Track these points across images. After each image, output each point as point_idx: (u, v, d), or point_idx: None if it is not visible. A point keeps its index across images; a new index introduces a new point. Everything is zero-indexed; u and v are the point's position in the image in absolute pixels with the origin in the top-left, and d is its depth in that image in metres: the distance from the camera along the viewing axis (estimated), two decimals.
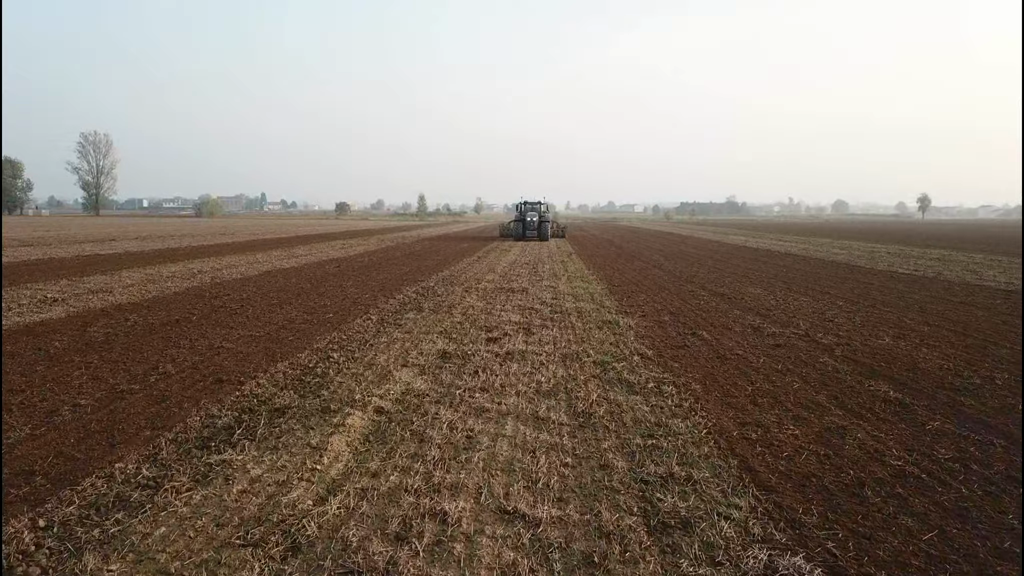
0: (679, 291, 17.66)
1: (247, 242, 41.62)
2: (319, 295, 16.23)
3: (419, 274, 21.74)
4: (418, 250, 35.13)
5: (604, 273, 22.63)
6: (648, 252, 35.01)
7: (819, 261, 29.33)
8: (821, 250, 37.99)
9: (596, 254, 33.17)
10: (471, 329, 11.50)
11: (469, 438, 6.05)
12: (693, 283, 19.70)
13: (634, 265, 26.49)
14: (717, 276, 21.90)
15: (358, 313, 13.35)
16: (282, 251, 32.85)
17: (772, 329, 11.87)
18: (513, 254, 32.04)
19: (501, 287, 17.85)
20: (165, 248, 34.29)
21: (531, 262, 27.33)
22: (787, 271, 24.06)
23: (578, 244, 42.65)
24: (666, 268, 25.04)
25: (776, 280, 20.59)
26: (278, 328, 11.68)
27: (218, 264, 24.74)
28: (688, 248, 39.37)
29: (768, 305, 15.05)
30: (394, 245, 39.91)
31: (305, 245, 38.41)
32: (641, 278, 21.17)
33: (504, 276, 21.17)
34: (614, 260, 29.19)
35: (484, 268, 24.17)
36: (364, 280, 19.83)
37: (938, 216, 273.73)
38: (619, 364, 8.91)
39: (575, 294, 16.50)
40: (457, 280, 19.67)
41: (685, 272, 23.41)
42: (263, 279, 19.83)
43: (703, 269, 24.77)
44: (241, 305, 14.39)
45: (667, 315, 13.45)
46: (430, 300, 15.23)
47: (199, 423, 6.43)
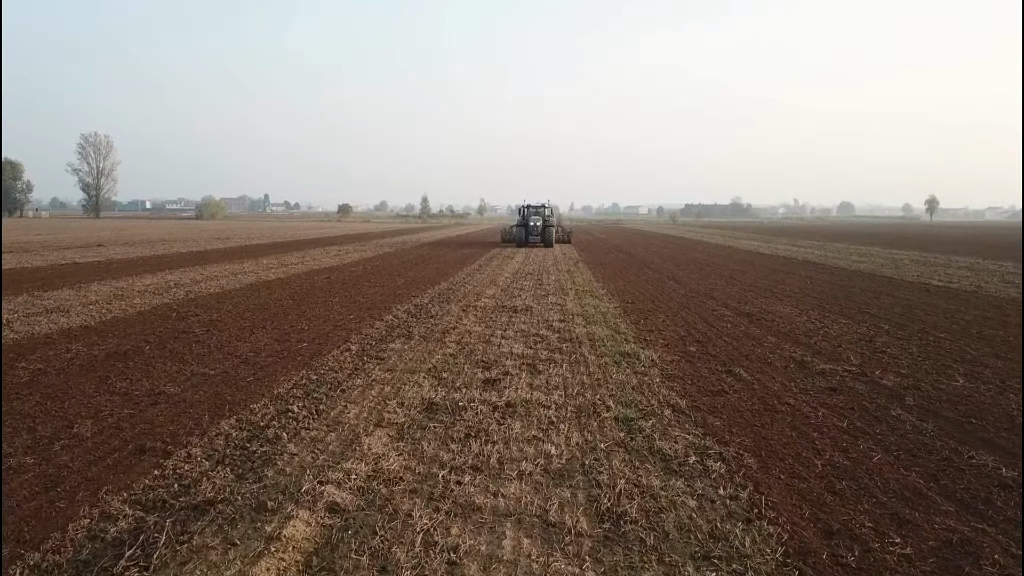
0: (700, 310, 15.87)
1: (239, 248, 39.95)
2: (299, 315, 14.49)
3: (413, 288, 20.00)
4: (415, 257, 33.40)
5: (615, 286, 20.85)
6: (659, 260, 33.21)
7: (842, 271, 27.50)
8: (840, 257, 36.16)
9: (604, 262, 31.39)
10: (465, 365, 9.74)
11: (451, 565, 4.28)
12: (713, 299, 17.92)
13: (646, 276, 24.70)
14: (738, 290, 20.11)
15: (337, 341, 11.60)
16: (273, 258, 31.15)
17: (820, 364, 10.08)
18: (516, 263, 30.28)
19: (502, 305, 16.09)
20: (151, 255, 32.62)
21: (535, 272, 25.57)
22: (813, 284, 22.25)
23: (585, 250, 40.88)
24: (681, 280, 23.25)
25: (804, 296, 18.79)
26: (239, 363, 9.94)
27: (200, 275, 23.03)
28: (700, 255, 37.57)
29: (805, 329, 13.25)
30: (392, 251, 38.20)
31: (299, 251, 36.72)
32: (656, 292, 19.39)
33: (506, 290, 19.42)
34: (624, 269, 27.40)
35: (485, 280, 22.41)
36: (353, 295, 18.09)
37: (945, 218, 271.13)
38: (647, 422, 7.14)
39: (585, 314, 14.73)
40: (454, 295, 17.92)
41: (702, 285, 21.61)
42: (243, 294, 18.10)
43: (721, 281, 22.98)
44: (207, 330, 12.65)
45: (693, 343, 11.67)
46: (422, 323, 13.48)
47: (82, 536, 4.67)
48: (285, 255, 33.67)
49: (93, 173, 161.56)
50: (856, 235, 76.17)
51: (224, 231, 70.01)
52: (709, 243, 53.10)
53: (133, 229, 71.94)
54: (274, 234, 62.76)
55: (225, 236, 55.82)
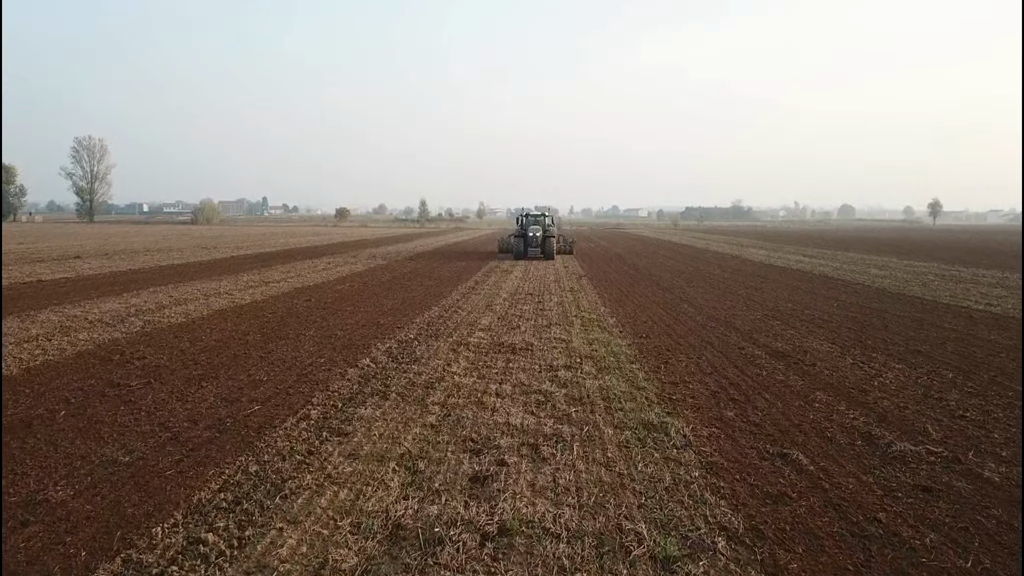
0: (724, 347, 13.82)
1: (223, 260, 37.88)
2: (262, 358, 12.43)
3: (400, 314, 17.95)
4: (408, 272, 31.33)
5: (624, 312, 18.81)
6: (667, 275, 31.15)
7: (866, 289, 25.47)
8: (857, 271, 34.12)
9: (609, 278, 29.33)
10: (449, 447, 7.70)
11: None
12: (736, 330, 15.88)
13: (656, 297, 22.64)
14: (760, 317, 18.07)
15: (297, 402, 9.55)
16: (255, 274, 29.09)
17: (894, 442, 8.03)
18: (514, 279, 28.23)
19: (498, 342, 14.04)
20: (126, 271, 30.55)
21: (536, 292, 23.53)
22: (841, 307, 20.21)
23: (587, 262, 38.84)
24: (696, 302, 21.19)
25: (838, 325, 16.75)
26: (166, 440, 7.90)
27: (169, 298, 20.98)
28: (710, 269, 35.50)
29: (855, 379, 11.21)
30: (384, 264, 36.15)
31: (285, 265, 34.66)
32: (670, 320, 17.35)
33: (503, 318, 17.38)
34: (631, 288, 25.35)
35: (480, 303, 20.37)
36: (331, 326, 16.04)
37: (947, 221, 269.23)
38: (696, 567, 5.08)
39: (595, 356, 12.68)
40: (444, 326, 15.87)
41: (720, 309, 19.57)
42: (208, 326, 16.04)
43: (738, 303, 20.93)
44: (146, 382, 10.60)
45: (728, 404, 9.61)
46: (402, 371, 11.42)
47: None
48: (269, 269, 31.61)
49: (87, 177, 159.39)
50: (864, 241, 74.14)
51: (214, 239, 67.95)
52: (716, 252, 51.06)
53: (121, 236, 69.89)
54: (265, 242, 60.71)
55: (213, 245, 53.76)
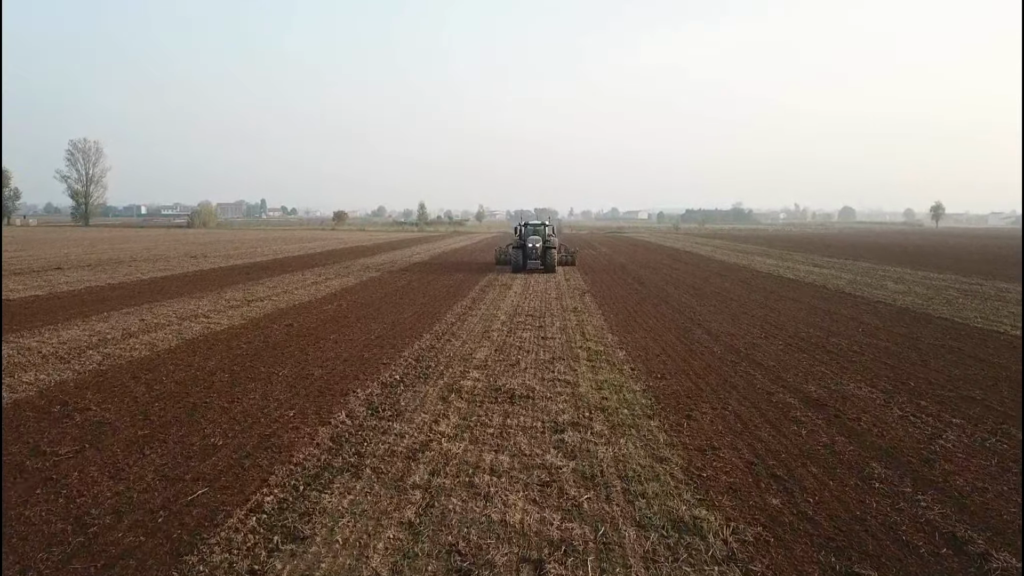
0: (753, 394, 12.19)
1: (210, 272, 36.22)
2: (223, 410, 10.79)
3: (388, 345, 16.31)
4: (401, 287, 29.67)
5: (634, 340, 17.18)
6: (675, 290, 29.49)
7: (889, 309, 23.84)
8: (874, 284, 32.50)
9: (614, 294, 27.68)
10: (429, 567, 6.04)
11: None
12: (762, 368, 14.24)
13: (667, 319, 20.99)
14: (785, 349, 16.46)
15: (251, 482, 7.92)
16: (239, 290, 27.44)
17: (995, 558, 6.39)
18: (513, 296, 26.58)
19: (495, 385, 12.40)
20: (104, 286, 28.90)
21: (537, 313, 21.89)
22: (868, 335, 18.60)
23: (590, 274, 37.18)
24: (710, 326, 19.54)
25: (874, 362, 15.12)
26: (57, 564, 6.23)
27: (139, 322, 19.36)
28: (719, 281, 33.83)
29: (913, 443, 9.58)
30: (377, 277, 34.48)
31: (274, 278, 32.99)
32: (686, 353, 15.72)
33: (501, 349, 15.75)
34: (638, 307, 23.69)
35: (476, 328, 18.73)
36: (308, 362, 14.40)
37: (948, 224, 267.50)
38: None
39: (606, 407, 11.05)
40: (435, 364, 14.22)
41: (738, 337, 17.94)
42: (170, 362, 14.39)
43: (756, 327, 19.30)
44: (77, 449, 8.96)
45: (773, 488, 7.97)
46: (381, 433, 9.77)
47: None
48: (255, 284, 29.96)
49: (82, 180, 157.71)
50: (872, 248, 72.49)
51: (206, 245, 66.27)
52: (722, 262, 49.40)
53: (111, 243, 68.20)
54: (257, 250, 59.03)
55: (203, 253, 52.07)
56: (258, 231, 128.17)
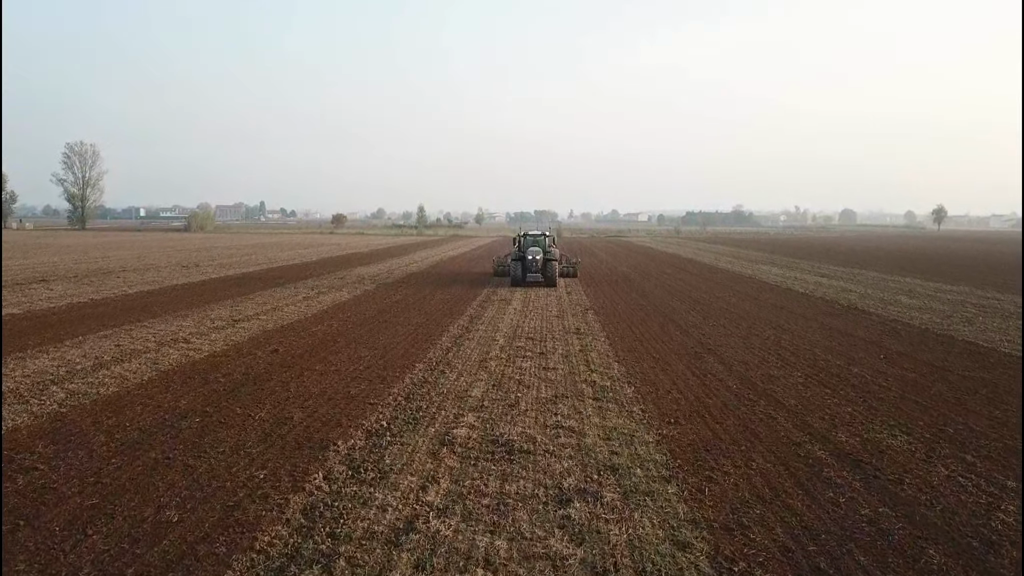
0: (779, 447, 11.01)
1: (199, 286, 35.02)
2: (185, 469, 9.60)
3: (377, 377, 15.15)
4: (396, 302, 28.46)
5: (642, 371, 16.02)
6: (682, 306, 28.28)
7: (909, 330, 22.68)
8: (886, 297, 31.32)
9: (618, 311, 26.48)
10: None
11: None
12: (785, 409, 13.06)
13: (675, 343, 19.81)
14: (805, 383, 15.29)
15: None
16: (227, 307, 26.26)
17: None
18: (512, 314, 25.38)
19: (492, 435, 11.21)
20: (87, 301, 27.71)
21: (537, 335, 20.72)
22: (892, 364, 17.45)
23: (592, 287, 35.95)
24: (722, 353, 18.36)
25: (904, 400, 13.94)
26: None
27: (114, 349, 18.22)
28: (726, 295, 32.61)
29: (970, 519, 8.44)
30: (372, 290, 33.27)
31: (265, 292, 31.78)
32: (700, 389, 14.55)
33: (499, 384, 14.57)
34: (644, 327, 22.49)
35: (472, 356, 17.56)
36: (289, 399, 13.24)
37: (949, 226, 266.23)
38: None
39: (616, 465, 9.87)
40: (427, 404, 13.03)
41: (753, 366, 16.77)
42: (138, 402, 13.21)
43: (771, 354, 18.13)
44: (8, 530, 7.74)
45: None
46: (361, 506, 8.58)
47: None
48: (245, 299, 28.76)
49: (79, 183, 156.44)
50: (877, 255, 71.27)
51: (200, 252, 65.07)
52: (727, 271, 48.21)
53: (103, 250, 66.99)
54: (251, 258, 57.80)
55: (196, 262, 50.86)
56: (255, 235, 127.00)
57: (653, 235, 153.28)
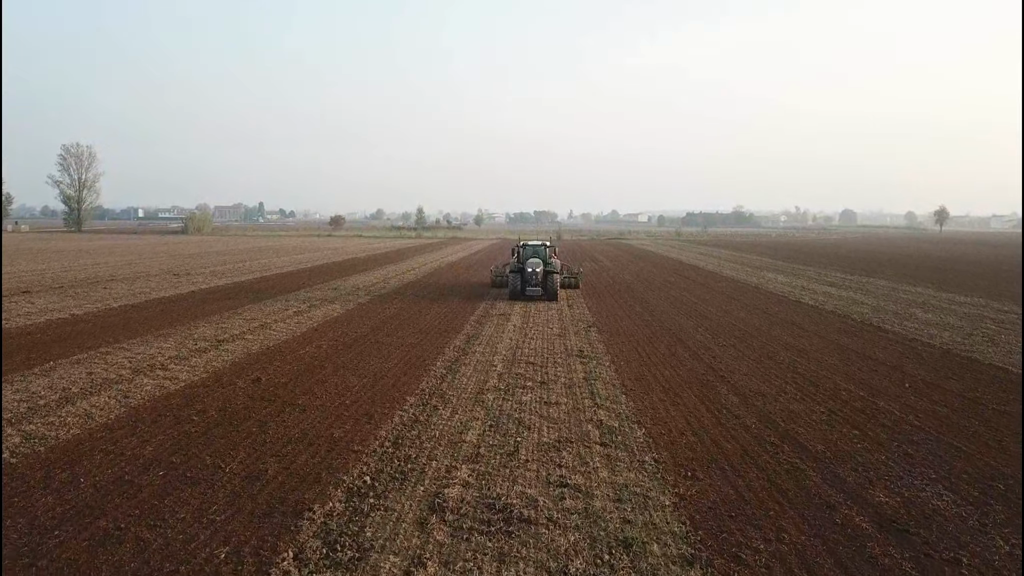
0: (811, 509, 9.87)
1: (187, 298, 33.78)
2: (136, 546, 8.47)
3: (363, 415, 13.94)
4: (390, 317, 27.21)
5: (652, 405, 14.81)
6: (689, 323, 27.03)
7: (930, 351, 21.45)
8: (899, 310, 30.13)
9: (622, 329, 25.26)
10: None
11: None
12: (812, 457, 11.88)
13: (685, 369, 18.60)
14: (829, 420, 14.10)
15: None
16: (213, 324, 25.04)
17: None
18: (511, 333, 24.16)
19: (488, 497, 9.99)
20: (67, 317, 26.47)
21: (539, 360, 19.51)
22: (919, 394, 16.23)
23: (595, 299, 34.70)
24: (736, 382, 17.14)
25: (943, 444, 12.75)
26: None
27: (84, 377, 17.03)
28: (733, 307, 31.35)
29: None
30: (366, 303, 32.02)
31: (255, 305, 30.54)
32: (715, 429, 13.33)
33: (496, 425, 13.36)
34: (651, 350, 21.27)
35: (468, 387, 16.36)
36: (266, 444, 12.05)
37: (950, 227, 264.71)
38: None
39: (628, 541, 8.71)
40: (416, 455, 11.81)
41: (770, 398, 15.56)
42: (98, 450, 12.02)
43: (790, 386, 16.93)
44: None
45: None
46: None
47: None
48: (233, 314, 27.53)
49: (75, 185, 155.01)
50: (884, 259, 70.00)
51: (193, 258, 63.81)
52: (732, 279, 46.97)
53: (94, 256, 65.68)
54: (245, 264, 56.53)
55: (187, 270, 49.58)
56: (252, 238, 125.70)
57: (654, 237, 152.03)
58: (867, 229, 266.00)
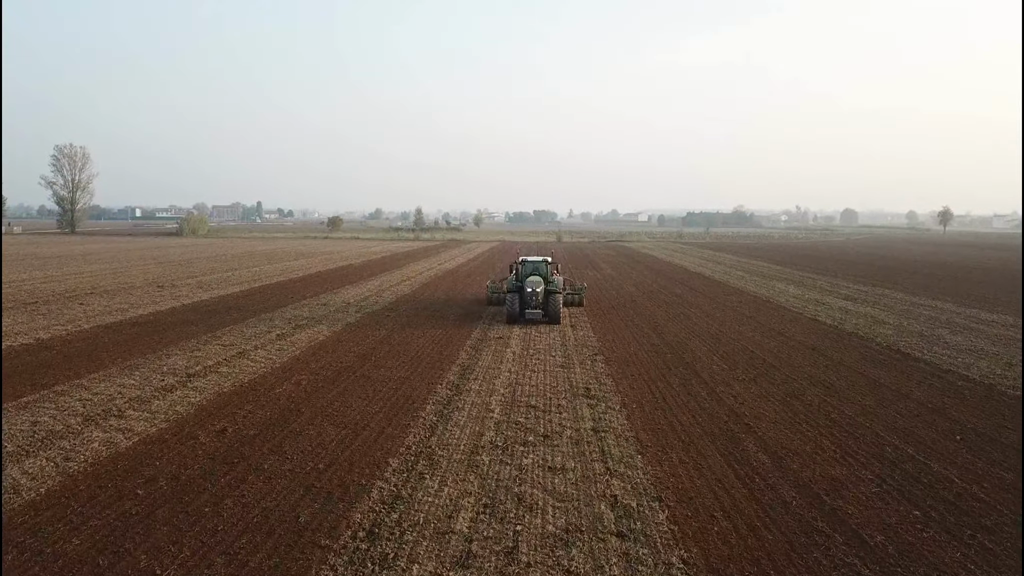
0: None
1: (167, 315, 31.77)
2: None
3: (337, 485, 12.02)
4: (379, 342, 25.21)
5: (673, 474, 12.81)
6: (701, 347, 25.02)
7: (973, 387, 19.54)
8: (923, 330, 28.20)
9: (630, 355, 23.27)
10: None
11: None
12: (874, 557, 9.86)
13: (706, 418, 16.59)
14: (879, 495, 12.19)
15: None
16: (185, 354, 23.06)
17: None
18: (509, 364, 22.20)
19: None
20: (31, 343, 24.49)
21: (540, 402, 17.58)
22: (977, 454, 14.30)
23: (600, 320, 32.66)
24: (767, 439, 15.16)
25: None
26: None
27: (31, 427, 15.22)
28: (747, 331, 29.32)
29: None
30: (355, 322, 30.02)
31: (236, 326, 28.54)
32: (751, 507, 11.43)
33: (491, 504, 11.38)
34: (663, 385, 19.28)
35: (461, 444, 14.41)
36: (214, 538, 10.10)
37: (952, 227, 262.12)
38: None
39: None
40: (393, 555, 9.76)
41: (812, 469, 13.61)
42: (17, 537, 9.96)
43: (827, 440, 14.98)
44: None
45: None
46: None
47: None
48: (210, 341, 25.56)
49: (68, 186, 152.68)
50: (894, 265, 67.95)
51: (182, 266, 61.72)
52: (740, 292, 44.96)
53: (81, 262, 63.58)
54: (235, 273, 54.42)
55: (173, 281, 47.51)
56: (247, 240, 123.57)
57: (655, 239, 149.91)
58: (869, 230, 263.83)
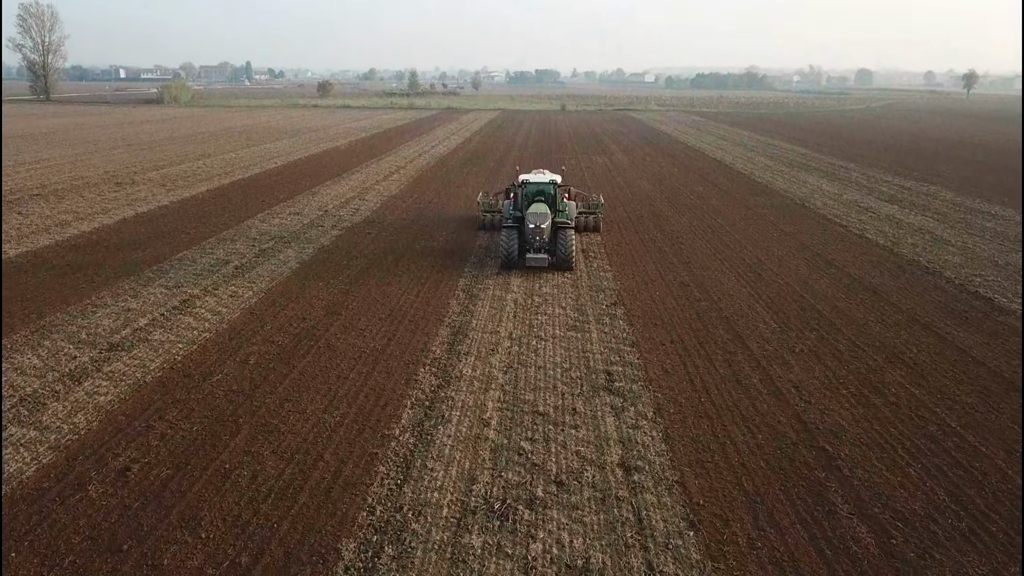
0: None
1: (112, 234, 27.23)
2: None
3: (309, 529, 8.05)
4: (348, 286, 20.88)
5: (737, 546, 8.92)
6: (744, 296, 20.70)
7: None
8: (999, 258, 23.65)
9: (659, 313, 19.02)
10: None
11: None
12: None
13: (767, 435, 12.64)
14: None
15: None
16: (119, 303, 18.91)
17: None
18: (507, 330, 18.00)
19: None
20: None
21: (551, 404, 13.67)
22: None
23: (617, 242, 28.06)
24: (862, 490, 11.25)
25: None
26: None
27: None
28: (796, 261, 24.83)
29: None
30: (329, 245, 25.47)
31: (188, 251, 24.03)
32: None
33: None
34: (700, 358, 15.14)
35: (441, 499, 10.54)
36: None
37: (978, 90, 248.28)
38: None
39: None
40: None
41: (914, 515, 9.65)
42: None
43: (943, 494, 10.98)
44: None
45: None
46: None
47: None
48: (153, 279, 21.24)
49: (38, 49, 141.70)
50: (928, 145, 62.06)
51: (152, 149, 55.89)
52: (770, 190, 39.94)
53: (41, 144, 57.49)
54: (207, 161, 48.80)
55: (134, 176, 42.17)
56: (229, 111, 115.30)
57: (665, 106, 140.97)
58: (887, 93, 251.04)
